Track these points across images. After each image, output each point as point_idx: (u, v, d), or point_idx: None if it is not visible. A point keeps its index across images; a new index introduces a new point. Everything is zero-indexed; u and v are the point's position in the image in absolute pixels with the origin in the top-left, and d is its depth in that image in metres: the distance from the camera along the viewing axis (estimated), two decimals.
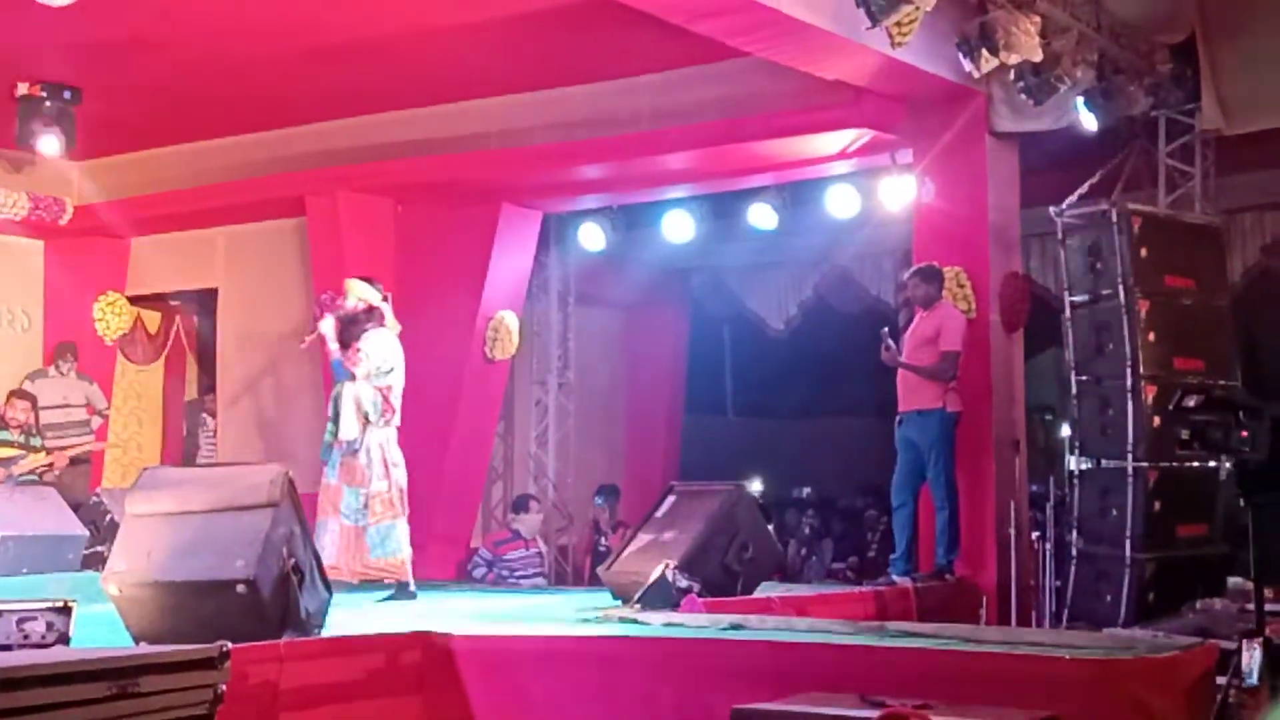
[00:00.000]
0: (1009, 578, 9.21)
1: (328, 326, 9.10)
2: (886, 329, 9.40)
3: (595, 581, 9.89)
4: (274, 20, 9.32)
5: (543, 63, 10.32)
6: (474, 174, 11.34)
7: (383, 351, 8.99)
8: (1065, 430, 9.86)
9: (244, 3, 9.02)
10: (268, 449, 12.14)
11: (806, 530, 14.05)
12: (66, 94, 10.85)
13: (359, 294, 9.18)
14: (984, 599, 9.12)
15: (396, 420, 9.02)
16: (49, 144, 10.94)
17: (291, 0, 8.94)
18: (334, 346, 9.01)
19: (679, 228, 12.27)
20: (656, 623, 6.92)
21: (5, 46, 9.83)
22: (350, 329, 9.05)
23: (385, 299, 9.23)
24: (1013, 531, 9.24)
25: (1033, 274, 11.06)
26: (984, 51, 8.29)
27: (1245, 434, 5.95)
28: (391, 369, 8.99)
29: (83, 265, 13.11)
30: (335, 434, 8.89)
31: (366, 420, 8.86)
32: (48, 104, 10.85)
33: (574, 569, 13.34)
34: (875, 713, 4.47)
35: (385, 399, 8.94)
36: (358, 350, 8.93)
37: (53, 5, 7.76)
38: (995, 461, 9.52)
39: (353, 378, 8.91)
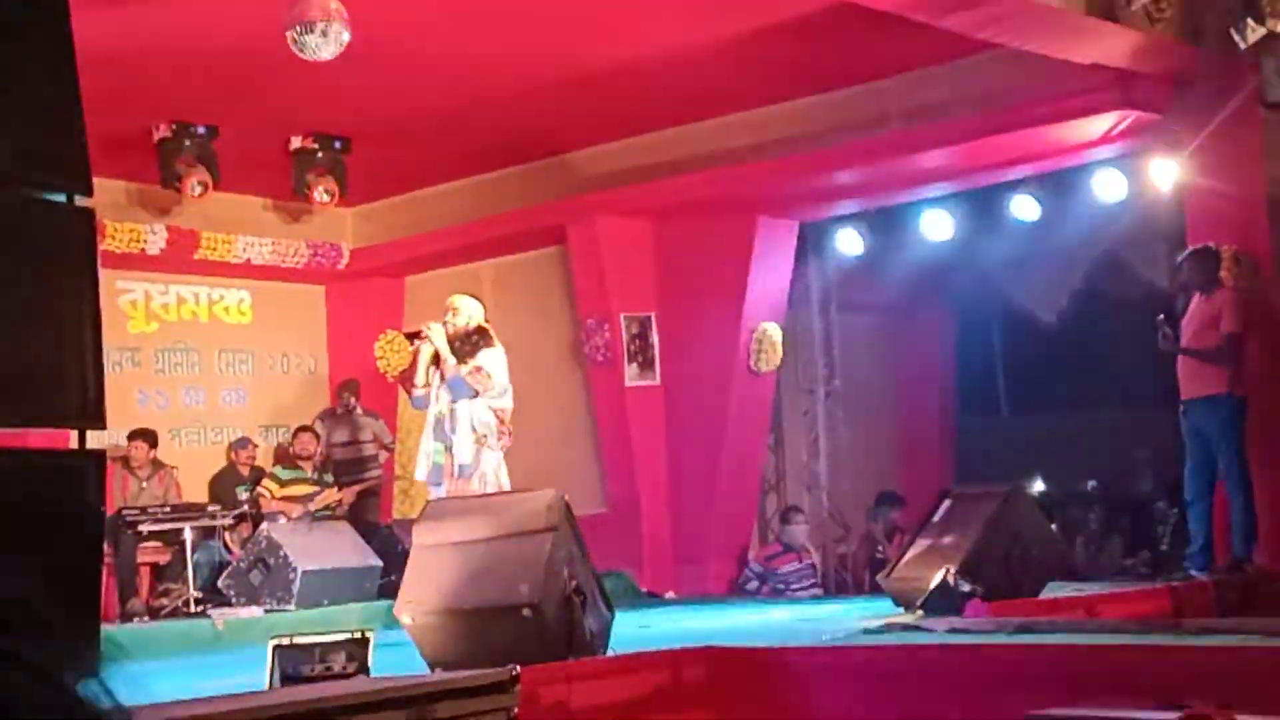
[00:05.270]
0: None
1: (440, 337, 8.51)
2: (1162, 316, 9.07)
3: (875, 589, 9.80)
4: (527, 51, 9.55)
5: (790, 72, 10.32)
6: (729, 189, 11.38)
7: (503, 371, 8.56)
8: None
9: (498, 37, 9.27)
10: (541, 474, 12.41)
11: (1093, 526, 13.61)
12: (337, 144, 11.39)
13: (469, 312, 8.70)
14: None
15: (508, 442, 8.55)
16: (323, 193, 11.49)
17: (543, 29, 9.14)
18: (451, 361, 8.43)
19: (938, 226, 12.06)
20: (941, 629, 6.81)
21: (278, 103, 10.35)
22: (462, 346, 8.52)
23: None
24: None
25: None
26: (1249, 21, 7.95)
27: None
28: (507, 389, 8.55)
29: (361, 306, 13.66)
30: (445, 455, 8.40)
31: (481, 443, 8.39)
32: (320, 155, 11.41)
33: (854, 578, 13.23)
34: (1175, 715, 4.29)
35: (500, 420, 8.46)
36: (479, 369, 8.42)
37: (319, 59, 8.18)
38: None
39: (474, 395, 8.40)
